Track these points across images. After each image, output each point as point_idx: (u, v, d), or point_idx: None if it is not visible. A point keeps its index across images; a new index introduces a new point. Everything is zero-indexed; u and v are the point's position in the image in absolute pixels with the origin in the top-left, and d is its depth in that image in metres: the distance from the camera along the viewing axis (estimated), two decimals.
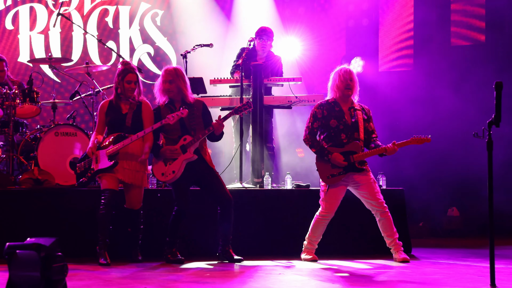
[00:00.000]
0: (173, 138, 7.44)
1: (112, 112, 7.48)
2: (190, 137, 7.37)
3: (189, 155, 7.35)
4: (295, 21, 13.00)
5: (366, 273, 6.69)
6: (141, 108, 7.47)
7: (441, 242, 10.35)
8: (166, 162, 7.40)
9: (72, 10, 12.83)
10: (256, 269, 6.95)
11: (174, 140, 7.43)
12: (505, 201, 10.28)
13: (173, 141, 7.43)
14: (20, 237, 5.25)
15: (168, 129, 7.43)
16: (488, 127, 5.40)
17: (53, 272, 4.29)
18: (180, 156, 7.34)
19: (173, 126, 7.38)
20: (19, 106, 8.93)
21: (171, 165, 7.36)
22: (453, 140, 11.78)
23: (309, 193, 8.51)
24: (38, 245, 4.28)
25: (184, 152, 7.35)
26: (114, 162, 7.25)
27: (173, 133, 7.43)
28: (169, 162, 7.38)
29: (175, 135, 7.42)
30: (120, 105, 7.50)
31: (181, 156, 7.34)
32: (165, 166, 7.39)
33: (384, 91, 12.36)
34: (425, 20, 12.47)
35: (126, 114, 7.43)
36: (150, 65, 13.20)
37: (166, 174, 7.37)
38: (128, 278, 6.26)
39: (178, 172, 7.33)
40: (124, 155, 7.33)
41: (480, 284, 5.75)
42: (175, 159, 7.35)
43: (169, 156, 7.37)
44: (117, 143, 7.30)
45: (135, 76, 7.48)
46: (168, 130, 7.44)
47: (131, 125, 7.40)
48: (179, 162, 7.34)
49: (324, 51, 13.03)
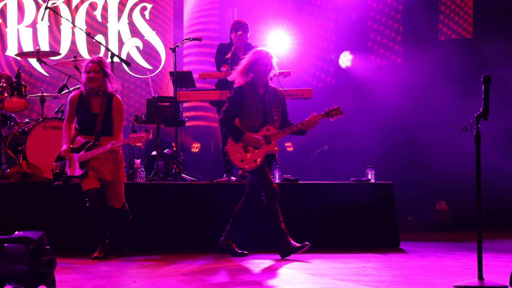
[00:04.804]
0: (253, 125, 7.30)
1: (82, 109, 7.34)
2: (274, 129, 7.29)
3: (272, 147, 7.27)
4: (284, 15, 13.00)
5: (354, 267, 6.70)
6: (111, 106, 7.33)
7: (430, 236, 10.39)
8: (246, 149, 7.25)
9: (60, 4, 12.78)
10: (246, 262, 6.95)
11: (254, 127, 7.30)
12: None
13: (252, 128, 7.30)
14: (8, 231, 5.23)
15: (247, 113, 7.30)
16: (476, 121, 5.42)
17: (41, 265, 4.27)
18: (264, 147, 7.23)
19: (254, 111, 7.29)
20: (7, 99, 8.90)
21: (253, 153, 7.23)
22: (442, 134, 11.81)
23: (297, 187, 8.51)
24: (26, 239, 4.27)
25: (268, 143, 7.24)
26: (84, 172, 7.16)
27: (254, 117, 7.31)
28: (250, 150, 7.25)
29: (256, 122, 7.31)
30: (90, 101, 7.33)
31: (265, 147, 7.23)
32: (246, 153, 7.24)
33: (373, 84, 12.39)
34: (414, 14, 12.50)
35: (96, 116, 7.28)
36: (139, 59, 13.19)
37: (247, 162, 7.23)
38: (117, 271, 6.25)
39: (259, 162, 7.21)
40: (95, 158, 7.22)
41: (467, 276, 5.77)
42: (258, 148, 7.25)
43: (254, 145, 7.23)
44: (88, 150, 7.18)
45: (95, 66, 7.29)
46: (247, 114, 7.30)
47: (101, 129, 7.26)
48: (262, 152, 7.23)
49: (313, 45, 13.05)
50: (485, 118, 5.36)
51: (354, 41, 12.79)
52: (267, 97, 7.39)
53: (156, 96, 9.63)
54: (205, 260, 7.09)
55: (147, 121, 9.49)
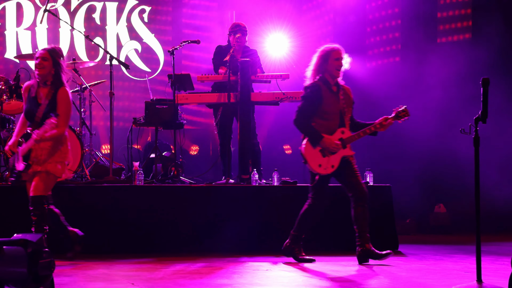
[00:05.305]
0: (329, 126, 7.05)
1: (30, 99, 6.99)
2: (349, 132, 7.06)
3: (348, 151, 7.06)
4: (283, 18, 13.01)
5: (353, 270, 6.70)
6: (56, 97, 6.92)
7: (428, 239, 10.40)
8: (324, 153, 6.99)
9: (59, 6, 12.79)
10: (243, 265, 6.95)
11: (330, 129, 7.04)
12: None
13: (328, 130, 7.03)
14: (7, 233, 5.23)
15: (323, 113, 7.05)
16: (474, 123, 5.42)
17: (40, 268, 4.26)
18: (341, 151, 7.01)
19: (331, 111, 7.06)
20: (5, 102, 8.90)
21: (330, 158, 6.99)
22: (440, 136, 11.82)
23: (296, 190, 8.52)
24: (25, 241, 4.26)
25: (344, 147, 7.03)
26: (26, 165, 6.81)
27: (330, 117, 7.06)
28: (327, 154, 7.02)
29: (333, 124, 7.06)
30: (39, 92, 6.97)
31: (342, 151, 7.01)
32: (323, 158, 6.99)
33: (371, 87, 12.38)
34: (412, 16, 12.51)
35: (40, 106, 6.90)
36: (138, 62, 13.19)
37: (324, 166, 6.96)
38: (115, 274, 6.25)
39: (336, 167, 7.00)
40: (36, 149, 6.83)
41: (466, 279, 5.77)
42: (334, 152, 7.03)
43: (333, 150, 7.00)
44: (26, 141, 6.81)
45: (44, 53, 6.96)
46: (323, 114, 7.05)
47: (40, 120, 6.83)
48: (338, 157, 7.01)
49: (311, 47, 13.04)
50: (484, 120, 5.36)
51: (353, 44, 12.78)
52: (340, 95, 7.17)
53: (154, 98, 9.63)
54: (204, 263, 7.08)
55: (146, 123, 9.49)
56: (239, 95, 9.00)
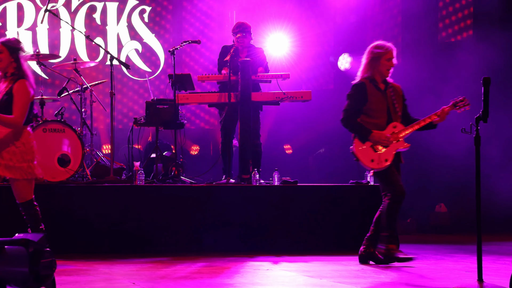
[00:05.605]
0: (378, 123, 7.01)
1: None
2: (401, 126, 7.03)
3: (402, 144, 7.01)
4: (283, 18, 13.01)
5: (354, 269, 6.70)
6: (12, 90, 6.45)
7: (429, 238, 10.40)
8: (375, 148, 6.97)
9: (59, 7, 12.79)
10: (244, 265, 6.95)
11: (379, 126, 7.00)
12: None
13: (377, 127, 6.99)
14: (8, 233, 5.24)
15: (370, 111, 7.03)
16: (475, 123, 5.42)
17: (41, 267, 4.27)
18: (393, 145, 6.96)
19: (378, 108, 7.04)
20: None
21: (383, 153, 6.95)
22: (441, 135, 11.81)
23: (296, 190, 8.52)
24: (27, 241, 4.27)
25: (396, 141, 6.97)
26: None
27: (378, 115, 7.05)
28: (379, 149, 6.98)
29: (381, 121, 7.03)
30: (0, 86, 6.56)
31: (394, 144, 6.96)
32: (375, 153, 6.96)
33: None
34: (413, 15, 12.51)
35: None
36: (138, 62, 13.19)
37: (377, 161, 6.94)
38: (116, 273, 6.26)
39: (390, 161, 6.95)
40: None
41: (467, 279, 5.78)
42: (387, 146, 6.97)
43: (384, 144, 6.95)
44: None
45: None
46: (370, 112, 7.03)
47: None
48: (391, 150, 6.95)
49: (312, 47, 13.05)
50: (484, 120, 5.37)
51: (353, 43, 12.79)
52: (388, 93, 7.16)
53: (155, 98, 9.63)
54: (204, 262, 7.09)
55: (146, 123, 9.49)
56: (239, 95, 9.00)
